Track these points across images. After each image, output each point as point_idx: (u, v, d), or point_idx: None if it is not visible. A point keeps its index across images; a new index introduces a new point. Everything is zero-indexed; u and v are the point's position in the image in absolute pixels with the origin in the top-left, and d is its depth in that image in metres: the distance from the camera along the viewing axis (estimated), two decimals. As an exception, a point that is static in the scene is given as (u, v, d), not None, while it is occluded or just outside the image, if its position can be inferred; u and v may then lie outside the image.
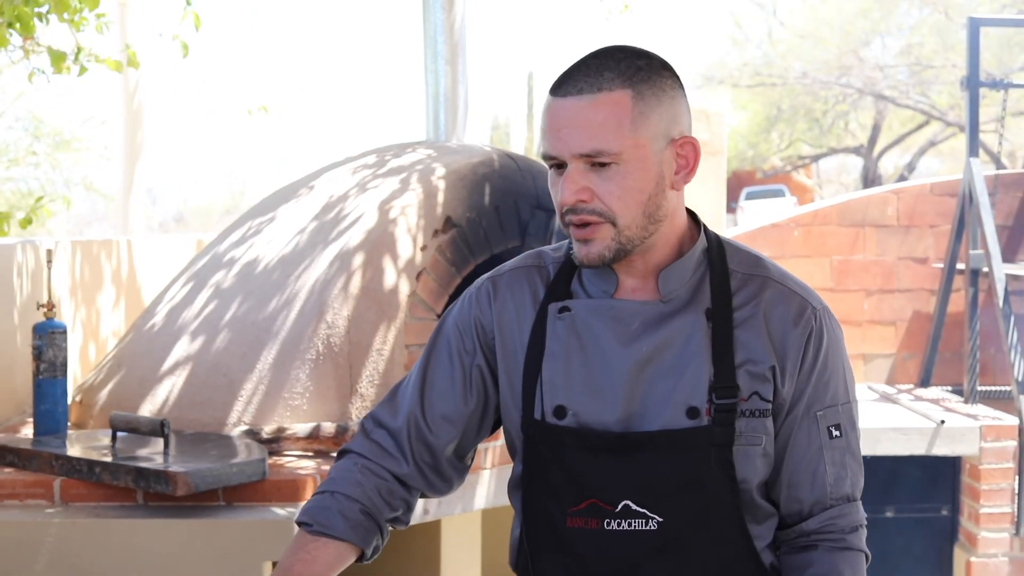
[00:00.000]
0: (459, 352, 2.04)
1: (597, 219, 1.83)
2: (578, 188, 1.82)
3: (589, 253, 1.86)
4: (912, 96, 23.55)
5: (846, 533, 1.95)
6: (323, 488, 2.01)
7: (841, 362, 1.97)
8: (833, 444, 1.95)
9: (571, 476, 1.92)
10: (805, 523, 1.95)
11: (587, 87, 1.82)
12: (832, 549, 1.95)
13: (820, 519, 1.95)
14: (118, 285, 5.47)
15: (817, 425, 1.94)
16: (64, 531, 3.09)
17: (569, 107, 1.82)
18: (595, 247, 1.85)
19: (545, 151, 1.85)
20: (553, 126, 1.83)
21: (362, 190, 4.20)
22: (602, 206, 1.83)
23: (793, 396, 1.93)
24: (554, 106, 1.84)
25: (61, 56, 4.47)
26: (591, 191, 1.83)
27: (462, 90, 4.77)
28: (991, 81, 6.81)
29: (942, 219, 7.24)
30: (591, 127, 1.81)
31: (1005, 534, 5.75)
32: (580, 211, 1.83)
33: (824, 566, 1.93)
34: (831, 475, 1.95)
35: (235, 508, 3.19)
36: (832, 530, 1.95)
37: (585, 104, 1.82)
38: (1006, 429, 5.81)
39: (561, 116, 1.83)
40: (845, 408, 1.97)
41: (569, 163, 1.83)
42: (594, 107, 1.82)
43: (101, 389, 3.99)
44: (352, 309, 3.83)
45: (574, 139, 1.81)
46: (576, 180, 1.82)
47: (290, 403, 3.69)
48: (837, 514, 1.95)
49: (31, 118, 18.27)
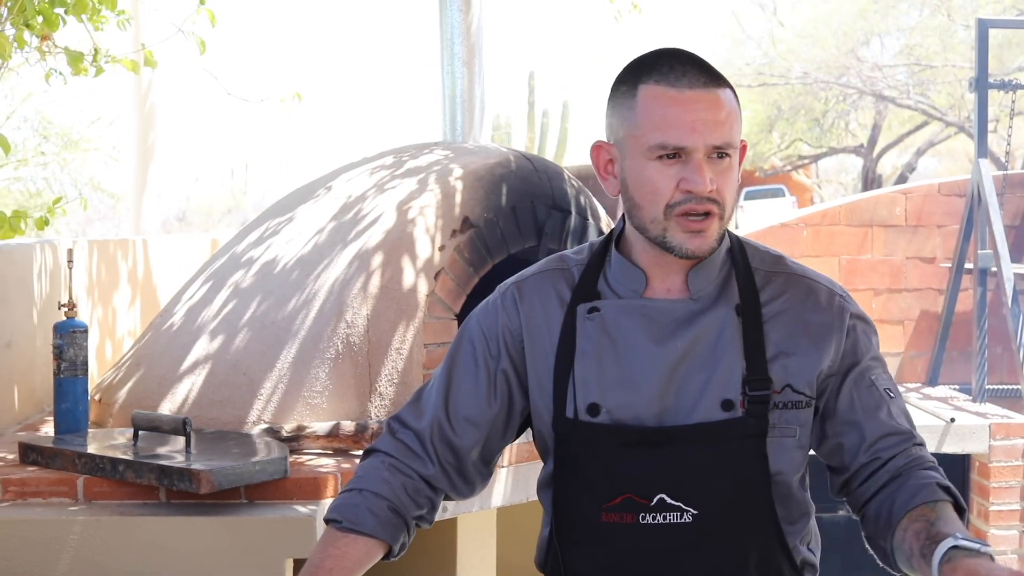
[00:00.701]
0: (484, 356, 2.06)
1: (715, 209, 1.87)
2: (710, 178, 1.86)
3: (703, 244, 1.89)
4: (912, 96, 23.55)
5: (930, 462, 1.96)
6: (351, 486, 2.03)
7: (872, 334, 2.04)
8: (894, 403, 1.99)
9: (605, 472, 1.95)
10: (894, 460, 1.95)
11: (709, 82, 1.88)
12: (923, 469, 1.94)
13: (905, 455, 1.95)
14: (134, 284, 5.49)
15: (876, 387, 1.98)
16: (88, 529, 3.10)
17: (701, 99, 1.86)
18: (708, 238, 1.89)
19: (671, 141, 1.86)
20: (684, 116, 1.85)
21: (380, 190, 4.22)
22: (719, 197, 1.87)
23: (845, 369, 1.98)
24: (679, 98, 1.86)
25: (79, 57, 4.49)
26: (716, 183, 1.86)
27: (478, 91, 4.80)
28: (1000, 82, 6.81)
29: (950, 219, 7.27)
30: (722, 120, 1.86)
31: (1015, 531, 5.78)
32: (704, 200, 1.86)
33: (922, 477, 1.91)
34: (904, 422, 1.98)
35: (257, 506, 3.21)
36: (919, 461, 1.95)
37: (714, 97, 1.87)
38: (1015, 427, 5.84)
39: (693, 108, 1.86)
40: (888, 375, 2.03)
41: (698, 153, 1.85)
42: (721, 102, 1.87)
43: (120, 388, 4.01)
44: (371, 308, 3.85)
45: (710, 130, 1.85)
46: (707, 170, 1.86)
47: (309, 402, 3.71)
48: (920, 451, 1.97)
49: (40, 118, 18.30)
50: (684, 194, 1.86)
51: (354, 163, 4.67)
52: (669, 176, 1.87)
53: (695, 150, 1.85)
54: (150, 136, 7.94)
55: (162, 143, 8.22)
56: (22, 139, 17.80)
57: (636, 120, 1.90)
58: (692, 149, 1.85)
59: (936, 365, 7.13)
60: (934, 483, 1.89)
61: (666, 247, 1.91)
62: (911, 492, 1.89)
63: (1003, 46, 20.75)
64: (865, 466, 1.97)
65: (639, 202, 1.92)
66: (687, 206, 1.86)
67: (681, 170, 1.86)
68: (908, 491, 1.89)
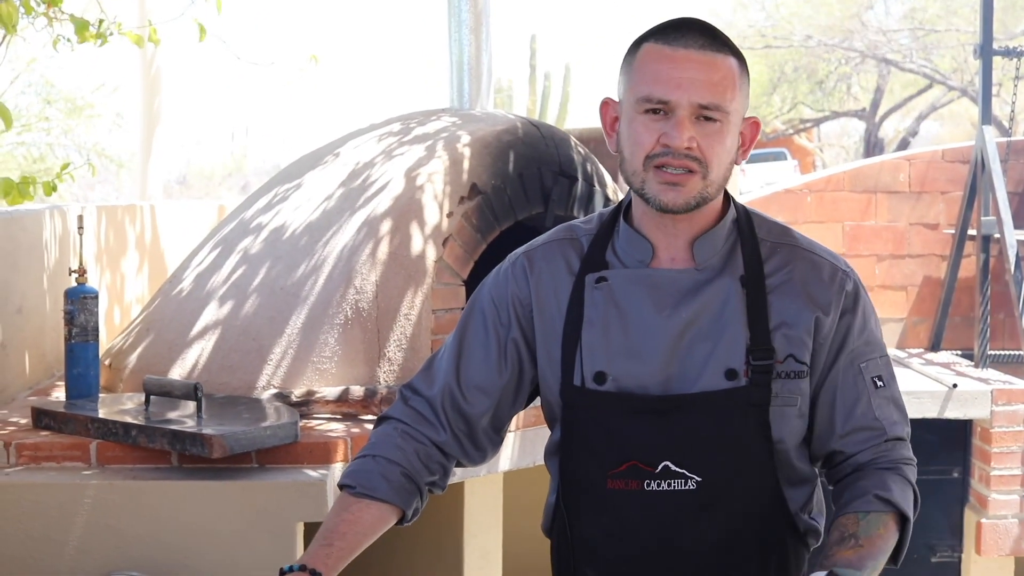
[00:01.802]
0: (494, 325, 2.09)
1: (695, 167, 1.89)
2: (690, 135, 1.88)
3: (677, 198, 1.91)
4: (915, 60, 23.48)
5: (897, 463, 2.00)
6: (364, 452, 2.05)
7: (875, 319, 2.06)
8: (879, 393, 2.02)
9: (611, 439, 1.98)
10: (858, 455, 2.00)
11: (707, 45, 1.90)
12: (880, 469, 1.99)
13: (872, 451, 2.00)
14: (142, 250, 5.52)
15: (862, 376, 2.01)
16: (101, 493, 3.14)
17: (692, 58, 1.89)
18: (684, 193, 1.91)
19: (655, 95, 1.89)
20: (672, 74, 1.89)
21: (388, 157, 4.24)
22: (702, 156, 1.89)
23: (835, 350, 2.00)
24: (672, 55, 1.90)
25: (85, 25, 4.49)
26: (696, 141, 1.89)
27: (485, 58, 4.80)
28: (1004, 49, 6.80)
29: (953, 185, 7.26)
30: (713, 82, 1.89)
31: (1015, 496, 5.79)
32: (682, 156, 1.89)
33: (871, 480, 1.97)
34: (880, 418, 2.01)
35: (268, 470, 3.24)
36: (882, 460, 2.00)
37: (708, 59, 1.89)
38: (1017, 393, 5.85)
39: (683, 66, 1.89)
40: (884, 360, 2.06)
41: (680, 110, 1.88)
42: (715, 65, 1.90)
43: (130, 353, 4.04)
44: (380, 274, 3.87)
45: (696, 88, 1.88)
46: (688, 127, 1.88)
47: (319, 367, 3.74)
48: (889, 448, 2.00)
49: (44, 83, 18.26)
50: (662, 147, 1.89)
51: (362, 129, 4.68)
52: (652, 130, 1.90)
53: (678, 106, 1.88)
54: (155, 101, 7.93)
55: (171, 109, 8.23)
56: (26, 104, 17.78)
57: (632, 75, 1.94)
58: (675, 105, 1.88)
59: (939, 331, 7.14)
60: (873, 494, 1.93)
61: (645, 199, 1.94)
62: (848, 498, 1.95)
63: (1007, 9, 20.68)
64: (834, 455, 2.03)
65: (625, 154, 1.96)
66: (664, 159, 1.89)
67: (664, 125, 1.89)
68: (848, 495, 1.96)
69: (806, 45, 24.51)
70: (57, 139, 18.76)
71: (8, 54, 4.37)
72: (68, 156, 17.82)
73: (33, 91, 18.25)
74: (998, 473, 5.85)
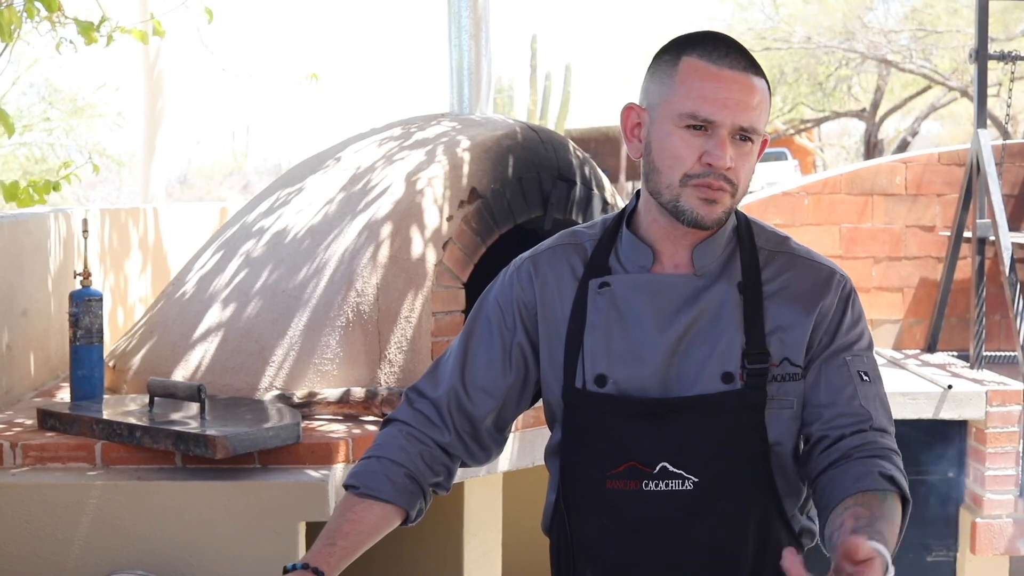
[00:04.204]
0: (500, 328, 2.13)
1: (729, 188, 1.95)
2: (731, 156, 1.93)
3: (711, 215, 1.96)
4: (915, 60, 23.48)
5: (886, 450, 1.99)
6: (369, 453, 2.10)
7: (864, 322, 2.10)
8: (865, 386, 2.04)
9: (611, 441, 2.02)
10: (845, 440, 1.98)
11: (748, 68, 1.96)
12: (871, 456, 1.97)
13: (860, 437, 1.99)
14: (145, 252, 5.55)
15: (848, 368, 2.04)
16: (106, 493, 3.18)
17: (738, 81, 1.94)
18: (718, 209, 1.96)
19: (701, 113, 1.93)
20: (719, 93, 1.93)
21: (389, 161, 4.28)
22: (735, 177, 1.95)
23: (824, 344, 2.04)
24: (718, 75, 1.94)
25: (90, 27, 4.53)
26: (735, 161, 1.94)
27: (485, 64, 4.83)
28: (999, 54, 6.82)
29: (949, 188, 7.29)
30: (753, 105, 1.94)
31: (1010, 496, 5.82)
32: (720, 176, 1.94)
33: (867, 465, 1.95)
34: (868, 410, 2.02)
35: (270, 470, 3.28)
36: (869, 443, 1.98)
37: (750, 83, 1.95)
38: (1012, 394, 5.88)
39: (729, 87, 1.94)
40: (869, 357, 2.08)
41: (723, 130, 1.93)
42: (755, 88, 1.95)
43: (134, 355, 4.08)
44: (381, 277, 3.92)
45: (740, 110, 1.93)
46: (730, 148, 1.93)
47: (320, 368, 3.78)
48: (874, 436, 2.00)
49: (46, 84, 18.28)
50: (704, 167, 1.93)
51: (363, 134, 4.72)
52: (693, 147, 1.94)
53: (721, 126, 1.92)
54: (158, 103, 7.95)
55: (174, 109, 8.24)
56: (27, 105, 17.80)
57: (673, 88, 1.96)
58: (719, 125, 1.92)
59: (935, 332, 7.17)
60: (877, 471, 1.92)
61: (677, 212, 1.97)
62: (853, 477, 1.92)
63: (1007, 10, 20.66)
64: (819, 441, 2.02)
65: (659, 166, 1.98)
66: (704, 180, 1.94)
67: (705, 143, 1.93)
68: (850, 476, 1.93)
69: (806, 46, 24.51)
70: (59, 139, 18.79)
71: (10, 56, 4.41)
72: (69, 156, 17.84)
73: (35, 92, 18.29)
74: (993, 473, 5.89)
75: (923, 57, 23.35)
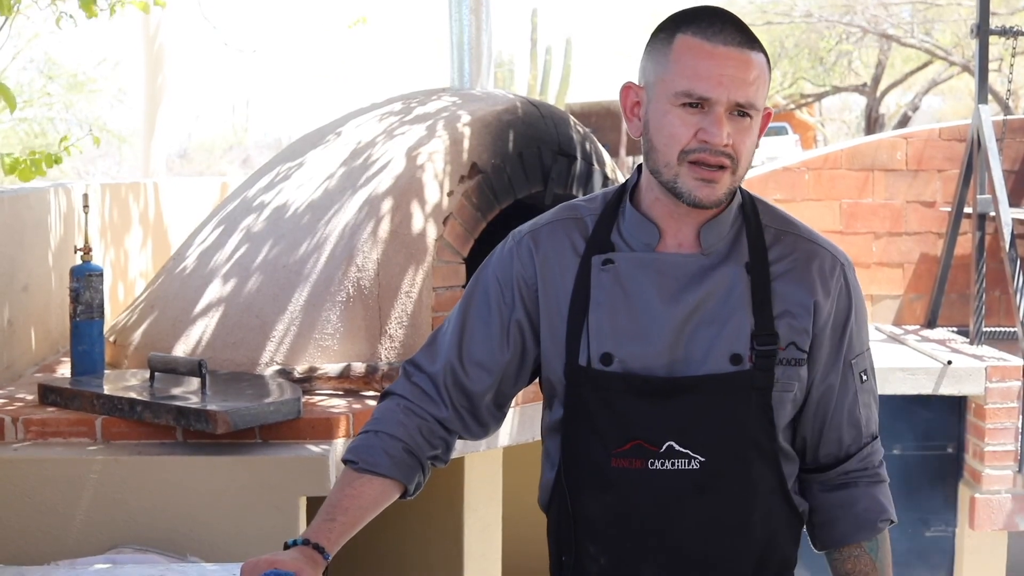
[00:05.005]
0: (498, 304, 2.11)
1: (729, 164, 1.93)
2: (728, 132, 1.92)
3: (712, 193, 1.95)
4: (916, 35, 23.42)
5: (878, 468, 2.13)
6: (367, 428, 2.09)
7: (865, 312, 2.12)
8: (863, 388, 2.10)
9: (616, 419, 2.01)
10: (846, 463, 2.11)
11: (744, 43, 1.93)
12: (871, 484, 2.12)
13: (858, 458, 2.11)
14: (145, 227, 5.55)
15: (852, 372, 2.08)
16: (107, 468, 3.19)
17: (733, 56, 1.92)
18: (718, 189, 1.94)
19: (696, 90, 1.91)
20: (713, 71, 1.91)
21: (389, 136, 4.27)
22: (734, 152, 1.93)
23: (834, 349, 2.06)
24: (713, 52, 1.92)
25: (90, 0, 4.51)
26: (732, 137, 1.93)
27: (485, 38, 4.82)
28: (1001, 29, 6.81)
29: (950, 164, 7.29)
30: (750, 81, 1.92)
31: (1008, 471, 5.84)
32: (718, 153, 1.92)
33: (869, 501, 2.11)
34: (864, 416, 2.10)
35: (271, 445, 3.29)
36: (868, 467, 2.12)
37: (746, 58, 1.92)
38: (1011, 370, 5.89)
39: (724, 63, 1.91)
40: (868, 354, 2.13)
41: (719, 107, 1.91)
42: (752, 63, 1.93)
43: (135, 330, 4.08)
44: (381, 253, 3.92)
45: (736, 87, 1.91)
46: (726, 124, 1.92)
47: (321, 343, 3.78)
48: (870, 451, 2.12)
49: (45, 59, 18.24)
50: (700, 143, 1.92)
51: (363, 109, 4.71)
52: (689, 124, 1.92)
53: (718, 103, 1.91)
54: (159, 77, 7.93)
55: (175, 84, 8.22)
56: (27, 80, 17.77)
57: (668, 66, 1.95)
58: (715, 101, 1.91)
59: (935, 308, 7.18)
60: (876, 520, 2.11)
61: (676, 192, 1.96)
62: (855, 524, 2.12)
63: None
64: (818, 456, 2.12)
65: (656, 144, 1.97)
66: (700, 155, 1.92)
67: (701, 120, 1.91)
68: (852, 519, 2.12)
69: (807, 20, 24.44)
70: (59, 114, 18.77)
71: (10, 31, 4.40)
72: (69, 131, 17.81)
73: (35, 67, 18.25)
74: (992, 449, 5.91)
75: (924, 32, 23.29)
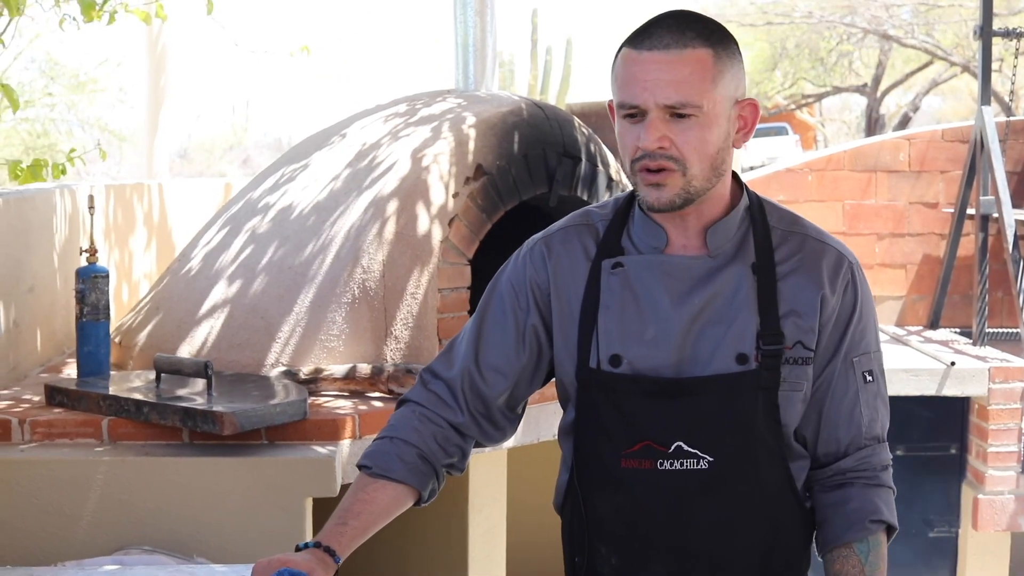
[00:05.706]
0: (513, 309, 2.13)
1: (671, 166, 1.94)
2: (659, 135, 1.92)
3: (660, 197, 1.96)
4: (917, 36, 23.43)
5: (878, 471, 2.11)
6: (383, 434, 2.10)
7: (872, 313, 2.12)
8: (867, 388, 2.09)
9: (626, 420, 2.03)
10: (841, 462, 2.10)
11: (673, 43, 1.93)
12: (867, 485, 2.10)
13: (855, 458, 2.09)
14: (150, 228, 5.56)
15: (854, 370, 2.08)
16: (113, 468, 3.20)
17: (656, 60, 1.92)
18: (666, 192, 1.96)
19: (626, 100, 1.94)
20: (637, 77, 1.93)
21: (394, 138, 4.28)
22: (678, 154, 1.94)
23: (833, 343, 2.06)
24: (638, 59, 1.93)
25: (91, 4, 4.52)
26: (670, 139, 1.93)
27: (490, 40, 4.83)
28: (1004, 30, 6.81)
29: (953, 165, 7.30)
30: (678, 80, 1.92)
31: (1012, 472, 5.85)
32: (657, 157, 1.93)
33: (861, 500, 2.08)
34: (865, 417, 2.10)
35: (277, 447, 3.30)
36: (866, 468, 2.10)
37: (673, 58, 1.92)
38: (1014, 371, 5.90)
39: (647, 68, 1.92)
40: (876, 355, 2.12)
41: (651, 112, 1.92)
42: (681, 62, 1.92)
43: (140, 331, 4.09)
44: (386, 254, 3.92)
45: (660, 90, 1.91)
46: (658, 128, 1.93)
47: (326, 345, 3.79)
48: (870, 453, 2.10)
49: (47, 59, 18.24)
50: (640, 151, 1.95)
51: (368, 110, 4.71)
52: (632, 134, 1.96)
53: (647, 109, 1.93)
54: (161, 78, 7.93)
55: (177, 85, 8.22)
56: (29, 80, 17.77)
57: (613, 82, 1.99)
58: (644, 108, 1.93)
59: (938, 309, 7.19)
60: (867, 520, 2.07)
61: (639, 200, 2.01)
62: (845, 523, 2.08)
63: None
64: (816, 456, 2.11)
65: (620, 157, 2.02)
66: (643, 162, 1.95)
67: (639, 128, 1.95)
68: (842, 519, 2.08)
69: (808, 21, 24.45)
70: (61, 115, 18.76)
71: (14, 31, 4.40)
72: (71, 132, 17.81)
73: (37, 67, 18.25)
74: (995, 450, 5.91)
75: (925, 32, 23.30)
